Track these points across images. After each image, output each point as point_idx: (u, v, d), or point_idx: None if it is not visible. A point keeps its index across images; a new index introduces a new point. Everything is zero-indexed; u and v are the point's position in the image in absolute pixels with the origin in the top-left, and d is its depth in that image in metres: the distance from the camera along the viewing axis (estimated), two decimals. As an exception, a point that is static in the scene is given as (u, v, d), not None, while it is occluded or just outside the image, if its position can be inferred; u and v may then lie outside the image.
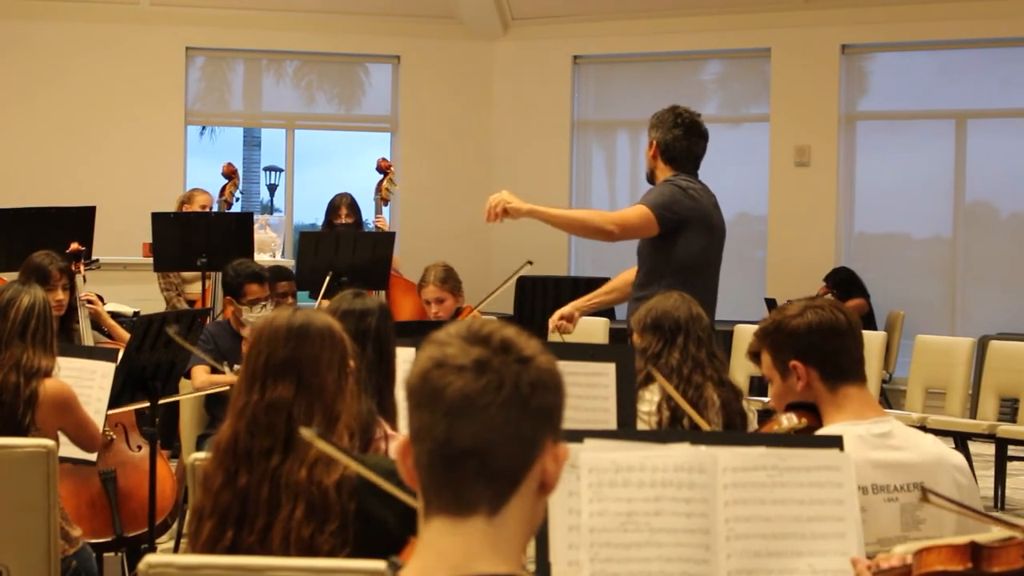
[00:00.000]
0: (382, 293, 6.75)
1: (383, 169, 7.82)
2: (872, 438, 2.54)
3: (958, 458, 2.63)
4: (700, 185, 4.65)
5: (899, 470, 2.53)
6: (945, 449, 2.67)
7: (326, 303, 5.88)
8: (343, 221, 7.43)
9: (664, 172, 4.66)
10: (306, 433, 2.10)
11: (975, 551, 1.91)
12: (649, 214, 4.49)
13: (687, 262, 4.51)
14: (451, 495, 1.39)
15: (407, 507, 1.52)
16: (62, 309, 4.97)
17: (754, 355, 2.75)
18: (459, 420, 1.38)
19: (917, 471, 2.53)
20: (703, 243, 4.57)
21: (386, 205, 7.89)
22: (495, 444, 1.38)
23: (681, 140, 4.65)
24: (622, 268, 4.95)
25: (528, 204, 4.48)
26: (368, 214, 7.76)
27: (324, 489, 2.37)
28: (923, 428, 5.15)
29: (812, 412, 2.64)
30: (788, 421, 2.64)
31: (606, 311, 7.14)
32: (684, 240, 4.52)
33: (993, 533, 2.10)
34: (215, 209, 7.40)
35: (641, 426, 3.45)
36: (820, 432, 2.57)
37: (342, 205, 7.51)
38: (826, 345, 2.61)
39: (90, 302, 5.46)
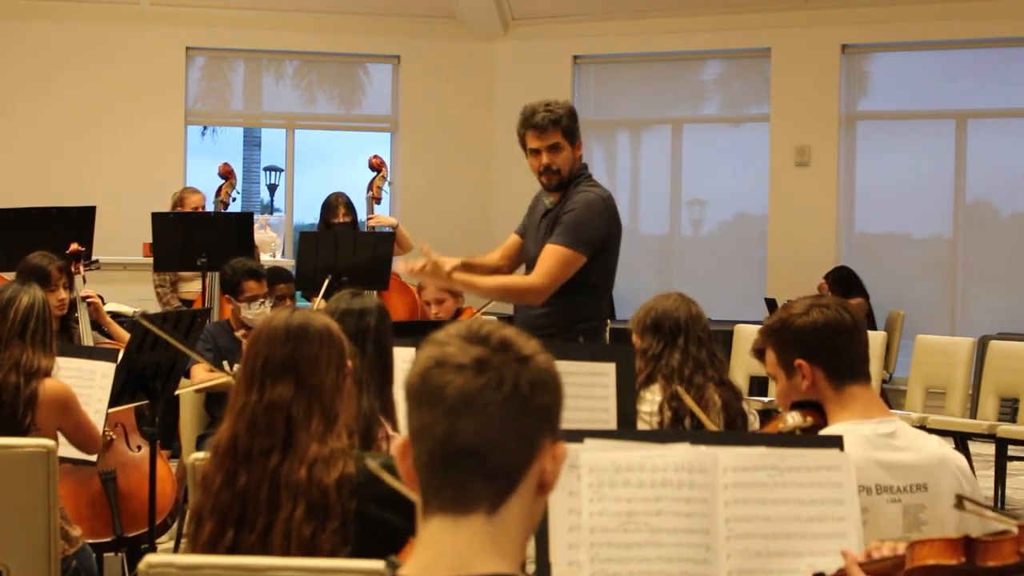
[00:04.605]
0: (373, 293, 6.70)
1: (375, 167, 7.72)
2: (877, 438, 2.54)
3: (960, 459, 2.63)
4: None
5: (903, 471, 2.53)
6: (948, 450, 2.67)
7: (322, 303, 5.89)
8: (341, 220, 7.36)
9: (576, 164, 4.33)
10: (372, 465, 2.12)
11: (968, 545, 1.91)
12: (573, 256, 4.11)
13: (599, 280, 4.22)
14: (451, 493, 1.40)
15: (408, 505, 1.52)
16: (64, 308, 4.96)
17: (758, 352, 2.75)
18: (460, 418, 1.39)
19: (920, 472, 2.53)
20: (614, 257, 4.28)
21: (378, 203, 7.75)
22: (495, 442, 1.39)
23: None
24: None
25: (459, 277, 4.10)
26: (362, 213, 7.70)
27: (324, 488, 2.38)
28: (923, 428, 5.15)
29: (817, 410, 2.65)
30: (793, 419, 2.64)
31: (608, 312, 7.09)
32: (601, 260, 4.19)
33: (989, 526, 2.10)
34: (211, 209, 7.37)
35: (643, 426, 3.45)
36: (825, 431, 2.57)
37: (340, 204, 7.39)
38: (832, 344, 2.61)
39: (91, 300, 5.44)
